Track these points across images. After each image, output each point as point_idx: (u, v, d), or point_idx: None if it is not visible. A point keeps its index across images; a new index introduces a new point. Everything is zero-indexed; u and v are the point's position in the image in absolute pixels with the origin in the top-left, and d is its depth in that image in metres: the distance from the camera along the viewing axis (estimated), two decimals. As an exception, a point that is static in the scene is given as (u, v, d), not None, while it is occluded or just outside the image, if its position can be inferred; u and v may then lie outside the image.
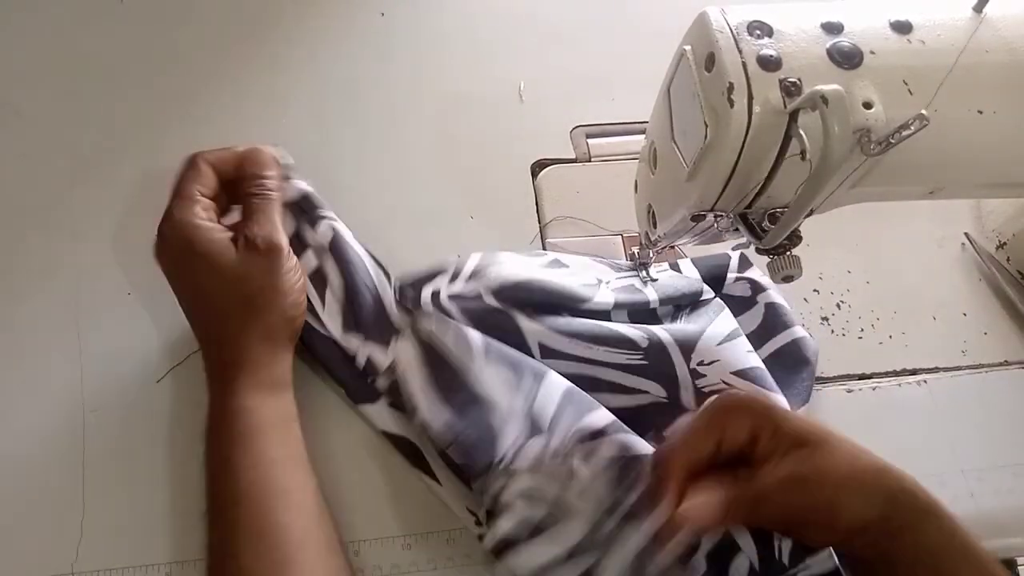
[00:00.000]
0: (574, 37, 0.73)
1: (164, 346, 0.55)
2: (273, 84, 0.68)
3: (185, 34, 0.69)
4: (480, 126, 0.68)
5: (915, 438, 0.56)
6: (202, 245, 0.47)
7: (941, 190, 0.44)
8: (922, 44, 0.38)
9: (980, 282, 0.64)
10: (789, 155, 0.36)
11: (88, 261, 0.58)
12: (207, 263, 0.47)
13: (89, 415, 0.53)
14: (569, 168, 0.66)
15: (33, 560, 0.48)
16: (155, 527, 0.49)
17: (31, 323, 0.55)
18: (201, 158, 0.50)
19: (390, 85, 0.69)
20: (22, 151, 0.62)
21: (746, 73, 0.36)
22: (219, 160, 0.51)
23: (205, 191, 0.49)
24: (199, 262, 0.47)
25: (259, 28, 0.71)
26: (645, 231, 0.53)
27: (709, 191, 0.40)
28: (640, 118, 0.54)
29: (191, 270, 0.48)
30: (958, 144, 0.39)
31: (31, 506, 0.50)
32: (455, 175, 0.65)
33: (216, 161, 0.51)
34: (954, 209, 0.67)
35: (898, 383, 0.59)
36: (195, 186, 0.49)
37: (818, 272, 0.63)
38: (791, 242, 0.42)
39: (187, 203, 0.48)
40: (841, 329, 0.61)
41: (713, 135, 0.38)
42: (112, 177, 0.61)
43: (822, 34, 0.38)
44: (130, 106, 0.65)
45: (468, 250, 0.57)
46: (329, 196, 0.62)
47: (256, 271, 0.47)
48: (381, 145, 0.66)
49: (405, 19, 0.73)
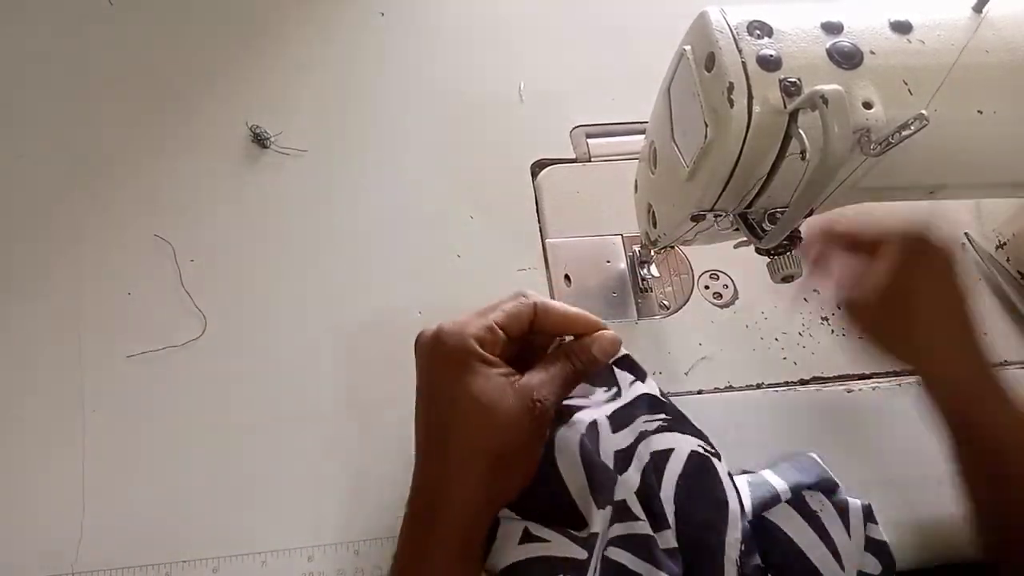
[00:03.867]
0: (574, 37, 0.73)
1: (164, 346, 0.55)
2: (273, 84, 0.68)
3: (185, 34, 0.69)
4: (480, 126, 0.68)
5: (914, 438, 0.56)
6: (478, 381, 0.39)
7: (941, 190, 0.43)
8: (922, 44, 0.38)
9: (980, 282, 0.64)
10: (789, 155, 0.36)
11: (88, 261, 0.58)
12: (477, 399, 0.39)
13: (89, 415, 0.53)
14: (569, 168, 0.66)
15: (33, 560, 0.48)
16: (155, 527, 0.49)
17: (31, 323, 0.55)
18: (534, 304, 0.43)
19: (390, 85, 0.69)
20: (22, 151, 0.62)
21: (746, 73, 0.36)
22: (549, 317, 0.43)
23: (511, 331, 0.42)
24: (468, 386, 0.39)
25: (259, 28, 0.71)
26: (645, 231, 0.53)
27: (709, 191, 0.40)
28: (640, 118, 0.54)
29: (460, 386, 0.40)
30: (958, 144, 0.39)
31: (31, 506, 0.50)
32: (455, 175, 0.65)
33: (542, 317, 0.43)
34: (954, 209, 0.67)
35: (898, 383, 0.59)
36: (502, 317, 0.41)
37: (818, 272, 0.63)
38: (791, 242, 0.42)
39: (480, 323, 0.41)
40: (841, 329, 0.61)
41: (713, 135, 0.38)
42: (112, 177, 0.61)
43: (822, 34, 0.38)
44: (130, 106, 0.65)
45: (468, 250, 0.57)
46: (329, 196, 0.63)
47: (524, 429, 0.40)
48: (381, 145, 0.66)
49: (405, 19, 0.73)
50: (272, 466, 0.52)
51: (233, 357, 0.56)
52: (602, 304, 0.60)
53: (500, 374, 0.40)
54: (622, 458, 0.44)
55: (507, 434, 0.40)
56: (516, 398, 0.40)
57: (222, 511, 0.50)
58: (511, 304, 0.42)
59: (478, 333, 0.40)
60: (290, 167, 0.64)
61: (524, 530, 0.43)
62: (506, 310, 0.42)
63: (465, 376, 0.40)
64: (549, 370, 0.42)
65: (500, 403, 0.39)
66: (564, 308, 0.44)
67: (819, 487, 0.50)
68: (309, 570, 0.49)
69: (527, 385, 0.40)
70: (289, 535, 0.50)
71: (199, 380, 0.54)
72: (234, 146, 0.64)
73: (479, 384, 0.39)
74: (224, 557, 0.49)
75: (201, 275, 0.58)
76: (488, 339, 0.41)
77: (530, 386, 0.40)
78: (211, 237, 0.60)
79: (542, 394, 0.40)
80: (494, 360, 0.41)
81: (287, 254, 0.60)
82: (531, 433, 0.40)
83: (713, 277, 0.63)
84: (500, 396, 0.40)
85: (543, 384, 0.41)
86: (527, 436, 0.40)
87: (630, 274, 0.62)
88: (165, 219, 0.60)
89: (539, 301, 0.43)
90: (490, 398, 0.39)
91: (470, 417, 0.40)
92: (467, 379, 0.40)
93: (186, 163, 0.63)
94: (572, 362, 0.43)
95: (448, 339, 0.41)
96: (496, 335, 0.41)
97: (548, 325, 0.43)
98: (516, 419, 0.40)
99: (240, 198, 0.62)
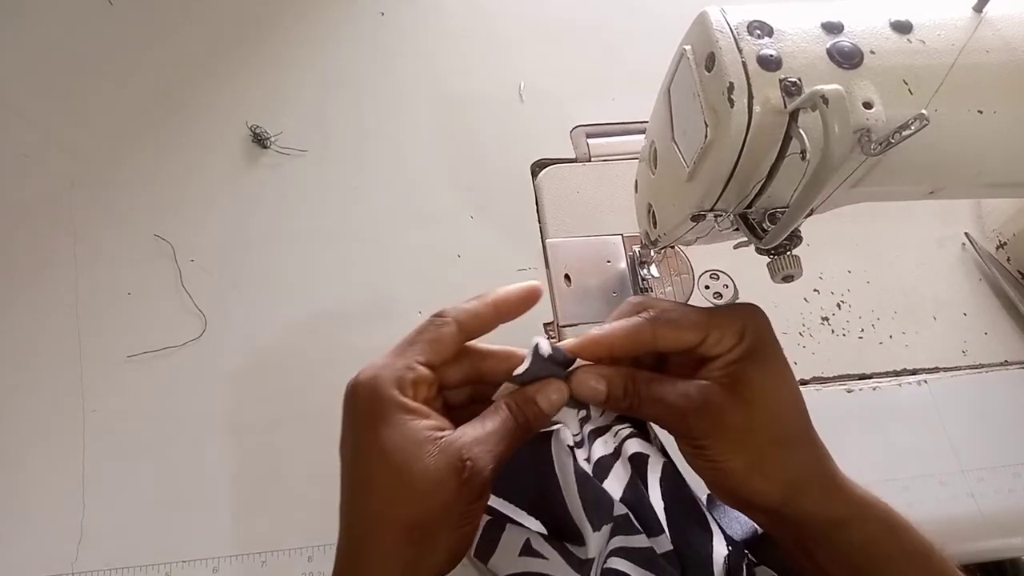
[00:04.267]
0: (574, 37, 0.73)
1: (164, 346, 0.55)
2: (273, 84, 0.68)
3: (185, 34, 0.69)
4: (480, 126, 0.68)
5: (915, 438, 0.56)
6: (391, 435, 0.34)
7: (941, 190, 0.43)
8: (922, 44, 0.38)
9: (980, 282, 0.64)
10: (789, 155, 0.36)
11: (88, 261, 0.58)
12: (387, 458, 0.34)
13: (89, 415, 0.53)
14: (569, 168, 0.66)
15: (33, 560, 0.48)
16: (155, 527, 0.49)
17: (31, 323, 0.55)
18: (454, 320, 0.38)
19: (390, 85, 0.69)
20: (22, 151, 0.62)
21: (746, 73, 0.36)
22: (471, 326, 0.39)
23: (434, 360, 0.37)
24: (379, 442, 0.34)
25: (259, 28, 0.71)
26: (645, 231, 0.53)
27: (709, 191, 0.40)
28: (640, 118, 0.54)
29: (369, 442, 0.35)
30: (958, 144, 0.39)
31: (31, 506, 0.50)
32: (455, 175, 0.65)
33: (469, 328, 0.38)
34: (954, 209, 0.67)
35: (898, 383, 0.59)
36: (422, 352, 0.37)
37: (818, 272, 0.63)
38: (791, 242, 0.41)
39: (397, 365, 0.36)
40: (841, 329, 0.61)
41: (713, 135, 0.37)
42: (112, 177, 0.61)
43: (822, 34, 0.38)
44: (130, 106, 0.65)
45: (468, 250, 0.57)
46: (329, 196, 0.63)
47: (449, 494, 0.34)
48: (381, 145, 0.66)
49: (405, 19, 0.73)
50: (272, 466, 0.52)
51: (233, 357, 0.56)
52: (602, 304, 0.60)
53: (424, 427, 0.34)
54: (606, 466, 0.44)
55: (426, 501, 0.33)
56: (439, 456, 0.33)
57: (222, 511, 0.50)
58: (429, 331, 0.37)
59: (396, 375, 0.35)
60: (290, 167, 0.64)
61: (526, 541, 0.42)
62: (425, 339, 0.37)
63: (377, 430, 0.34)
64: (486, 424, 0.36)
65: (417, 463, 0.33)
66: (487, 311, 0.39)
67: None
68: (309, 570, 0.49)
69: (456, 442, 0.34)
70: (289, 535, 0.50)
71: (199, 380, 0.54)
72: (234, 146, 0.64)
73: (393, 439, 0.33)
74: (224, 557, 0.49)
75: (201, 275, 0.58)
76: (409, 380, 0.35)
77: (460, 442, 0.34)
78: (211, 237, 0.60)
79: (473, 453, 0.34)
80: (417, 408, 0.35)
81: (287, 254, 0.60)
82: (459, 499, 0.34)
83: (713, 277, 0.63)
84: (418, 454, 0.33)
85: (477, 441, 0.35)
86: (453, 502, 0.33)
87: (630, 274, 0.62)
88: (165, 219, 0.60)
89: (460, 315, 0.38)
90: (404, 457, 0.33)
91: (378, 479, 0.34)
92: (380, 433, 0.34)
93: (186, 163, 0.63)
94: (514, 415, 0.37)
95: (361, 387, 0.35)
96: (419, 373, 0.36)
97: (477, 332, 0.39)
98: (438, 482, 0.33)
99: (240, 198, 0.62)
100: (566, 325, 0.59)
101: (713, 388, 0.37)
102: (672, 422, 0.39)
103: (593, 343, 0.39)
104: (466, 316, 0.38)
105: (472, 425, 0.36)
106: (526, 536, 0.42)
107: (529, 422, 0.37)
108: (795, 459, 0.38)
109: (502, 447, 0.36)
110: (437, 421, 0.35)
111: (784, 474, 0.38)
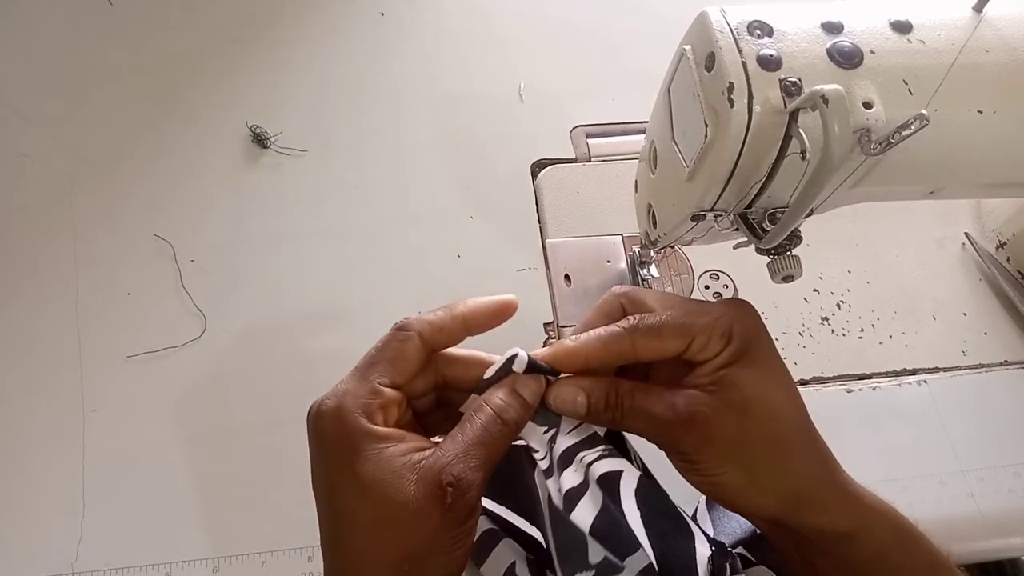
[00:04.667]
0: (574, 37, 0.73)
1: (164, 346, 0.55)
2: (273, 84, 0.68)
3: (185, 34, 0.69)
4: (480, 126, 0.68)
5: (915, 438, 0.56)
6: (367, 469, 0.32)
7: (941, 190, 0.43)
8: (922, 44, 0.38)
9: (980, 282, 0.64)
10: (789, 155, 0.36)
11: (88, 261, 0.58)
12: (366, 493, 0.32)
13: (89, 415, 0.53)
14: (569, 168, 0.66)
15: (33, 560, 0.48)
16: (155, 527, 0.49)
17: (31, 323, 0.55)
18: (417, 334, 0.36)
19: (390, 85, 0.69)
20: (22, 151, 0.62)
21: (746, 73, 0.36)
22: (436, 340, 0.37)
23: (399, 380, 0.35)
24: (354, 478, 0.32)
25: (259, 28, 0.71)
26: (645, 231, 0.53)
27: (709, 191, 0.40)
28: (640, 118, 0.54)
29: (344, 477, 0.33)
30: (958, 144, 0.39)
31: (31, 506, 0.50)
32: (455, 175, 0.65)
33: (433, 341, 0.37)
34: (954, 209, 0.67)
35: (898, 383, 0.59)
36: (386, 372, 0.35)
37: (818, 272, 0.63)
38: (791, 242, 0.41)
39: (361, 391, 0.34)
40: (841, 329, 0.61)
41: (713, 135, 0.37)
42: (112, 177, 0.61)
43: (822, 34, 0.38)
44: (130, 106, 0.65)
45: (468, 250, 0.57)
46: (329, 196, 0.63)
47: (435, 522, 0.32)
48: (381, 145, 0.66)
49: (405, 19, 0.73)
50: (272, 466, 0.52)
51: (233, 357, 0.56)
52: (602, 304, 0.60)
53: (400, 452, 0.32)
54: (574, 497, 0.38)
55: (413, 533, 0.31)
56: (419, 485, 0.31)
57: (222, 511, 0.50)
58: (390, 348, 0.35)
59: (361, 403, 0.33)
60: (290, 167, 0.64)
61: (511, 565, 0.41)
62: (387, 357, 0.35)
63: (352, 464, 0.32)
64: (465, 434, 0.33)
65: (397, 494, 0.31)
66: (454, 325, 0.36)
67: None
68: (309, 570, 0.49)
69: (435, 465, 0.32)
70: (289, 535, 0.50)
71: (199, 380, 0.54)
72: (234, 146, 0.64)
73: (369, 472, 0.31)
74: (224, 557, 0.49)
75: (201, 275, 0.58)
76: (375, 405, 0.33)
77: (438, 464, 0.32)
78: (211, 237, 0.60)
79: (456, 472, 0.31)
80: (388, 434, 0.32)
81: (287, 254, 0.60)
82: (446, 525, 0.32)
83: (713, 277, 0.63)
84: (398, 485, 0.31)
85: (457, 458, 0.32)
86: (441, 530, 0.32)
87: (630, 274, 0.62)
88: (165, 219, 0.60)
89: (424, 329, 0.36)
90: (384, 491, 0.31)
91: (360, 515, 0.32)
92: (355, 468, 0.31)
93: (186, 163, 0.63)
94: (498, 413, 0.34)
95: (326, 418, 0.33)
96: (386, 397, 0.34)
97: (442, 346, 0.36)
98: (422, 512, 0.31)
99: (240, 198, 0.62)
100: (566, 325, 0.59)
101: (701, 397, 0.35)
102: (659, 436, 0.36)
103: (568, 354, 0.36)
104: (430, 330, 0.36)
105: (450, 440, 0.33)
106: (512, 559, 0.41)
107: (513, 419, 0.35)
108: (794, 469, 0.36)
109: (487, 454, 0.33)
110: (413, 442, 0.33)
111: (783, 486, 0.36)
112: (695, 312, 0.37)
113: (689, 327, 0.36)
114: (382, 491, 0.31)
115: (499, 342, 0.39)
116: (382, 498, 0.31)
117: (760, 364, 0.36)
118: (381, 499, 0.31)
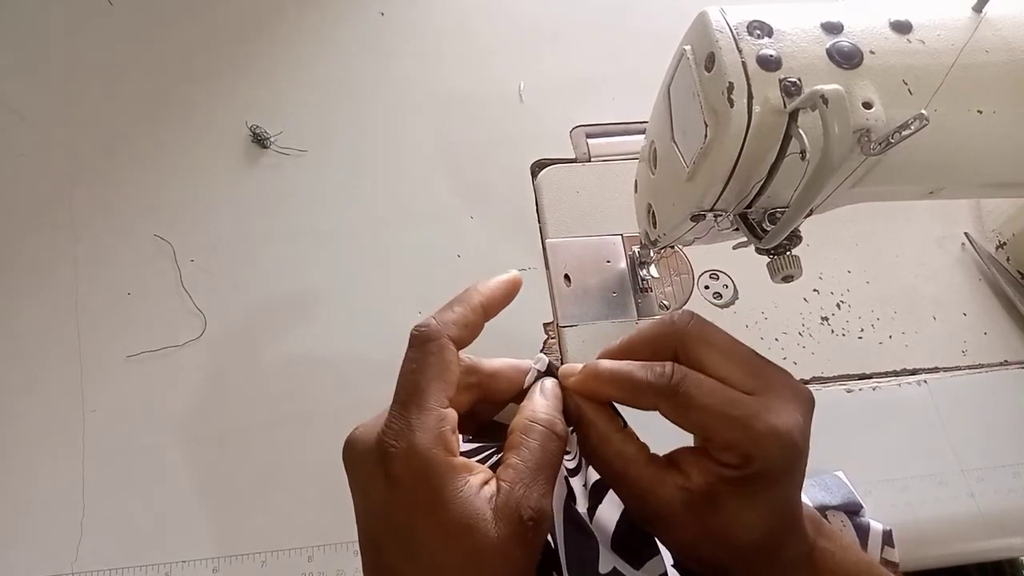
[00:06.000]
0: (574, 37, 0.73)
1: (164, 346, 0.55)
2: (273, 84, 0.68)
3: (185, 34, 0.69)
4: (480, 126, 0.68)
5: (915, 438, 0.56)
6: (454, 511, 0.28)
7: (941, 190, 0.43)
8: (922, 44, 0.38)
9: (980, 282, 0.64)
10: (789, 155, 0.36)
11: (88, 261, 0.58)
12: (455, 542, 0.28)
13: (89, 415, 0.53)
14: (569, 168, 0.66)
15: (33, 560, 0.48)
16: (155, 527, 0.49)
17: (31, 323, 0.55)
18: (449, 340, 0.32)
19: (390, 85, 0.69)
20: (22, 151, 0.62)
21: (746, 73, 0.36)
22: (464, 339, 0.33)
23: (452, 395, 0.31)
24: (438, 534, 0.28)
25: (259, 28, 0.71)
26: (645, 231, 0.53)
27: (709, 191, 0.40)
28: (640, 118, 0.54)
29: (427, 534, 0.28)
30: (958, 144, 0.39)
31: (31, 506, 0.50)
32: (455, 175, 0.65)
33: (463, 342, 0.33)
34: (954, 209, 0.67)
35: (898, 383, 0.59)
36: (440, 392, 0.31)
37: (818, 272, 0.63)
38: (791, 242, 0.41)
39: (430, 423, 0.29)
40: (841, 329, 0.61)
41: (713, 135, 0.37)
42: (112, 177, 0.61)
43: (822, 34, 0.38)
44: (130, 106, 0.65)
45: (468, 250, 0.57)
46: (329, 196, 0.63)
47: (519, 556, 0.28)
48: (381, 145, 0.66)
49: (405, 19, 0.73)
50: (272, 466, 0.52)
51: (233, 357, 0.56)
52: (602, 304, 0.60)
53: (474, 490, 0.28)
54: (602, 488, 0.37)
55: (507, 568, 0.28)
56: (500, 524, 0.28)
57: (222, 511, 0.50)
58: (432, 363, 0.31)
59: (433, 435, 0.29)
60: (290, 167, 0.64)
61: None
62: (435, 375, 0.31)
63: (435, 514, 0.28)
64: (524, 460, 0.30)
65: (484, 539, 0.27)
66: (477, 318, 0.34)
67: (843, 508, 0.49)
68: (309, 570, 0.49)
69: (510, 499, 0.28)
70: (289, 535, 0.50)
71: (199, 380, 0.54)
72: (234, 146, 0.64)
73: (454, 517, 0.27)
74: (224, 557, 0.49)
75: (201, 275, 0.58)
76: (448, 432, 0.29)
77: (514, 498, 0.28)
78: (211, 237, 0.60)
79: (532, 505, 0.28)
80: (462, 464, 0.29)
81: (287, 254, 0.60)
82: (530, 558, 0.29)
83: (713, 277, 0.63)
84: (484, 528, 0.27)
85: (528, 487, 0.29)
86: (526, 568, 0.29)
87: (630, 274, 0.62)
88: (165, 219, 0.60)
89: (452, 332, 0.32)
90: (472, 538, 0.27)
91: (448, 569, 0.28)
92: (439, 517, 0.28)
93: (186, 163, 0.63)
94: (552, 430, 0.31)
95: (396, 462, 0.28)
96: (452, 420, 0.30)
97: (469, 342, 0.34)
98: (508, 553, 0.28)
99: (240, 198, 0.62)
100: (566, 325, 0.59)
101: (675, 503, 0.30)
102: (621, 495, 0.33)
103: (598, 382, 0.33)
104: (457, 331, 0.33)
105: (511, 468, 0.29)
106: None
107: (563, 430, 0.32)
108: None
109: (551, 476, 0.30)
110: (481, 474, 0.29)
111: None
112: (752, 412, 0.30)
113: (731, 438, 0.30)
114: (470, 539, 0.27)
115: (499, 342, 0.39)
116: (470, 547, 0.28)
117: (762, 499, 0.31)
118: (470, 548, 0.28)
